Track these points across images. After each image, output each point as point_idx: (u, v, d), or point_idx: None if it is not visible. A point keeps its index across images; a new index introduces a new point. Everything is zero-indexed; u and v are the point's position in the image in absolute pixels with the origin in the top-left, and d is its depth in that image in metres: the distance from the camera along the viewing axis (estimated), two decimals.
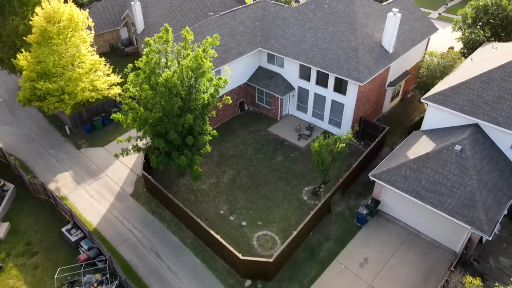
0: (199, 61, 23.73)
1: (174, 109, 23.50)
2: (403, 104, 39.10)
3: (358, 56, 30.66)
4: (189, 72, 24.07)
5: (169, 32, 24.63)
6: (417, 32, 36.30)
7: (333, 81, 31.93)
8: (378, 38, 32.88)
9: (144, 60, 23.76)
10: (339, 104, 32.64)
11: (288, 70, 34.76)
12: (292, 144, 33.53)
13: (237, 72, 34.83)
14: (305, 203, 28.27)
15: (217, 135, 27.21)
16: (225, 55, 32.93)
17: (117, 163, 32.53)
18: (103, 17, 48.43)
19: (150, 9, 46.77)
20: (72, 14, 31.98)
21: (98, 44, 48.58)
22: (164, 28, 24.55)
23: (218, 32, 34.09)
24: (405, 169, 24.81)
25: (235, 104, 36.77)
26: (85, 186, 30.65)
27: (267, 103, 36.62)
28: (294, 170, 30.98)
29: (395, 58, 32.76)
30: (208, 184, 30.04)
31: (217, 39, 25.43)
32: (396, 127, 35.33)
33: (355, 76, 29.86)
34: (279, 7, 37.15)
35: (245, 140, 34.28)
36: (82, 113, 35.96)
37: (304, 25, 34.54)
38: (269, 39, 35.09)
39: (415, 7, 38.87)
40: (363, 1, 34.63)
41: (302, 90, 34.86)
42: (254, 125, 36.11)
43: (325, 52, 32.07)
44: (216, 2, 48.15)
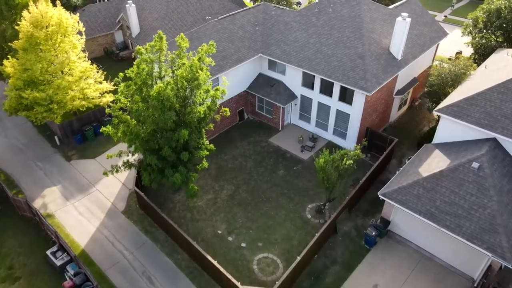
0: (194, 71, 21.83)
1: (167, 124, 21.61)
2: (411, 112, 37.20)
3: (365, 64, 28.75)
4: (184, 82, 22.17)
5: (163, 40, 22.74)
6: (426, 37, 34.40)
7: (338, 90, 30.03)
8: (386, 44, 30.98)
9: (135, 70, 21.85)
10: (345, 114, 30.73)
11: (290, 78, 32.87)
12: (295, 156, 31.62)
13: (236, 80, 32.95)
14: (308, 222, 26.36)
15: (214, 149, 25.30)
16: (223, 62, 31.03)
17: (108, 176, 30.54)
18: (97, 20, 46.55)
19: (145, 12, 44.90)
20: (61, 19, 30.08)
21: (91, 48, 46.70)
22: (158, 36, 22.66)
23: (216, 37, 32.22)
24: (417, 188, 22.90)
25: (234, 113, 34.87)
26: (74, 202, 28.74)
27: (268, 112, 34.72)
28: (296, 185, 29.07)
29: (404, 66, 30.86)
30: (205, 200, 28.13)
31: (213, 47, 23.55)
32: (404, 138, 33.44)
33: (362, 85, 27.96)
34: (280, 11, 35.26)
35: (244, 151, 32.37)
36: (73, 122, 34.06)
37: (307, 30, 32.64)
38: (270, 45, 33.20)
39: (424, 11, 36.97)
40: (369, 5, 32.74)
41: (305, 99, 32.97)
42: (254, 135, 34.20)
43: (330, 59, 30.17)
44: (214, 5, 46.29)
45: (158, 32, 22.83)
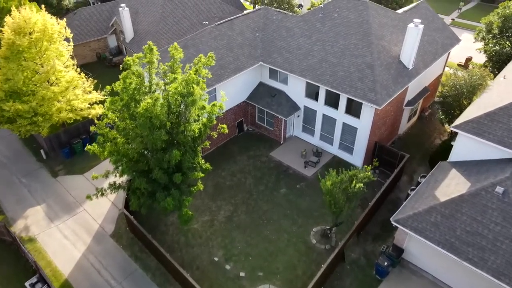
0: (190, 86, 19.59)
1: (157, 144, 19.39)
2: (421, 123, 34.99)
3: (375, 74, 26.54)
4: (178, 98, 19.94)
5: (153, 52, 20.52)
6: (438, 44, 32.20)
7: (345, 102, 27.82)
8: (396, 52, 28.78)
9: (121, 85, 19.63)
10: (352, 128, 28.51)
11: (293, 88, 30.66)
12: (298, 172, 29.40)
13: (235, 90, 30.75)
14: (313, 247, 24.15)
15: (211, 169, 23.08)
16: (221, 71, 28.81)
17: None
18: (89, 24, 44.35)
19: (140, 15, 42.71)
20: (45, 25, 27.85)
21: (83, 54, 44.56)
22: (147, 47, 20.45)
23: (214, 44, 30.01)
24: (435, 214, 20.68)
25: (233, 125, 32.64)
26: (58, 224, 26.51)
27: (269, 123, 32.50)
28: (300, 205, 26.85)
29: (416, 75, 28.65)
30: (201, 222, 25.91)
31: (212, 59, 21.36)
32: (414, 151, 31.23)
33: (372, 98, 25.75)
34: (282, 16, 33.05)
35: (244, 167, 30.14)
36: (60, 135, 31.83)
37: (311, 37, 30.43)
38: (271, 52, 30.98)
39: (435, 15, 34.77)
40: (377, 10, 30.53)
41: (309, 111, 30.75)
42: (254, 148, 31.98)
43: (336, 69, 27.96)
44: (212, 8, 44.06)
45: (148, 43, 20.57)
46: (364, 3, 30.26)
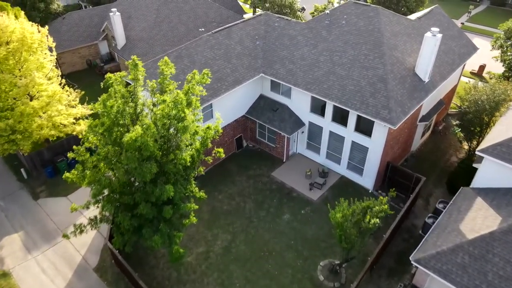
0: (179, 108, 16.94)
1: (146, 177, 16.74)
2: (435, 138, 32.34)
3: (388, 89, 23.91)
4: (166, 121, 17.31)
5: (139, 67, 17.89)
6: (454, 53, 29.57)
7: (355, 119, 25.18)
8: (411, 64, 26.15)
9: (101, 109, 16.97)
10: (362, 147, 25.88)
11: (297, 102, 28.01)
12: (302, 195, 26.74)
13: (233, 104, 28.13)
14: (321, 285, 21.50)
15: (206, 197, 20.47)
16: (218, 84, 26.17)
17: (81, 220, 25.67)
18: (79, 29, 41.70)
19: (133, 20, 40.07)
20: (24, 34, 25.21)
21: (73, 61, 41.92)
22: (131, 62, 17.80)
23: (210, 54, 27.36)
24: (462, 254, 18.03)
25: (231, 141, 29.99)
26: (37, 255, 23.87)
27: (271, 140, 29.85)
28: (305, 234, 24.21)
29: (432, 89, 26.02)
30: (195, 254, 23.26)
31: (207, 76, 18.73)
32: (429, 171, 28.61)
33: (385, 116, 23.11)
34: (284, 22, 30.40)
35: (243, 189, 27.48)
36: (43, 152, 29.18)
37: (317, 46, 27.78)
38: (273, 63, 28.33)
39: (450, 22, 32.14)
40: (389, 17, 27.89)
41: (314, 127, 28.10)
42: (255, 167, 29.32)
43: (345, 82, 25.32)
44: (210, 12, 41.44)
45: (132, 58, 17.92)
46: (374, 9, 27.64)
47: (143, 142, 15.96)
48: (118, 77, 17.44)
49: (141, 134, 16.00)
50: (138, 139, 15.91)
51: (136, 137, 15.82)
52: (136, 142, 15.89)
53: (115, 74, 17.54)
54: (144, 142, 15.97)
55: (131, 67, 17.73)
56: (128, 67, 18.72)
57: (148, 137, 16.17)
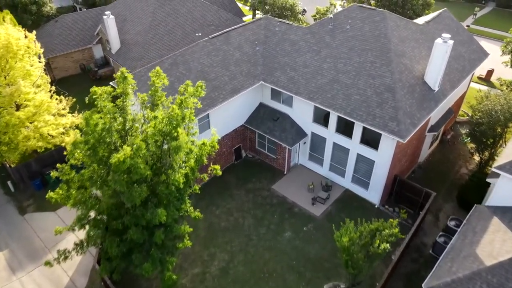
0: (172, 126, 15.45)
1: (136, 202, 15.25)
2: (443, 147, 30.85)
3: (396, 99, 22.43)
4: (158, 137, 15.83)
5: (128, 80, 16.38)
6: (465, 59, 28.10)
7: (361, 131, 23.70)
8: (419, 72, 24.67)
9: (84, 127, 15.46)
10: (368, 160, 24.39)
11: (299, 111, 26.52)
12: (304, 211, 25.26)
13: (231, 113, 26.66)
14: None
15: (201, 217, 19.01)
16: (215, 93, 24.68)
17: (69, 237, 24.25)
18: (72, 33, 40.19)
19: (128, 24, 38.57)
20: (9, 40, 23.73)
21: (66, 66, 40.42)
22: (120, 75, 16.28)
23: (207, 61, 25.88)
24: (480, 283, 16.53)
25: (229, 152, 28.50)
26: (21, 277, 22.37)
27: (271, 150, 28.35)
28: (308, 254, 22.72)
29: (443, 99, 24.54)
30: (190, 276, 21.77)
31: (201, 89, 17.25)
32: (438, 183, 27.16)
33: (393, 128, 21.63)
34: (285, 27, 28.91)
35: (242, 204, 25.99)
36: (31, 164, 27.67)
37: (320, 52, 26.30)
38: (274, 70, 26.85)
39: (459, 26, 30.68)
40: (396, 21, 26.42)
41: (317, 138, 26.62)
42: (254, 180, 27.82)
43: (350, 91, 23.84)
44: (208, 15, 39.95)
45: (120, 70, 16.41)
46: (380, 13, 26.16)
47: (133, 165, 14.47)
48: (103, 93, 15.86)
49: (131, 155, 14.51)
50: (127, 161, 14.43)
51: (125, 158, 14.33)
52: (125, 164, 14.40)
53: (101, 88, 15.98)
54: (134, 164, 14.48)
55: (120, 80, 16.22)
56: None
57: (138, 158, 14.68)
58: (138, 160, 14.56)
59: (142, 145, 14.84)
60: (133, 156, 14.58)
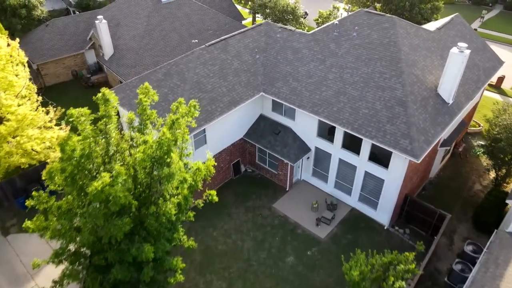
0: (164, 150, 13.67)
1: (118, 236, 13.46)
2: (455, 161, 29.03)
3: (408, 114, 20.64)
4: (148, 163, 14.03)
5: (110, 103, 14.54)
6: (479, 68, 26.31)
7: (369, 148, 21.90)
8: (432, 83, 22.89)
9: (60, 155, 13.64)
10: (377, 178, 22.60)
11: (302, 125, 24.73)
12: (308, 232, 23.46)
13: (230, 127, 24.88)
14: None
15: (195, 246, 17.26)
16: (212, 106, 22.89)
17: None
18: (63, 37, 38.38)
19: (122, 28, 36.78)
20: None
21: (57, 72, 38.62)
22: (101, 96, 14.44)
23: (203, 71, 24.08)
24: None
25: (227, 167, 26.70)
26: None
27: (272, 165, 26.56)
28: (313, 282, 20.91)
29: (457, 112, 22.75)
30: None
31: (194, 109, 15.49)
32: (451, 201, 25.39)
33: (406, 147, 19.83)
34: (287, 33, 27.11)
35: (240, 224, 24.19)
36: (15, 180, 25.85)
37: (325, 61, 24.52)
38: (275, 80, 25.05)
39: (472, 32, 28.90)
40: (407, 28, 24.62)
41: (322, 153, 24.83)
42: (254, 197, 26.02)
43: (357, 105, 22.04)
44: (206, 19, 38.15)
45: (101, 91, 14.58)
46: (390, 20, 24.37)
47: (111, 194, 12.68)
48: (80, 115, 14.00)
49: (110, 183, 12.73)
50: (106, 190, 12.66)
51: (103, 187, 12.55)
52: (103, 193, 12.63)
53: (77, 110, 14.13)
54: (113, 193, 12.69)
55: (101, 102, 14.40)
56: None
57: (118, 186, 12.87)
58: (117, 188, 12.76)
59: (122, 171, 13.03)
60: (114, 182, 12.79)
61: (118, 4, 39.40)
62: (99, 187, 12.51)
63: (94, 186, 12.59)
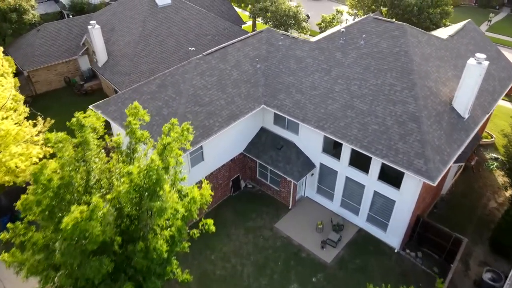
0: (153, 180, 12.09)
1: (96, 277, 11.86)
2: (467, 176, 27.41)
3: (422, 131, 19.03)
4: (133, 196, 12.42)
5: (86, 130, 12.91)
6: (494, 79, 24.71)
7: (379, 166, 20.29)
8: (446, 96, 21.29)
9: (32, 187, 12.07)
10: (387, 199, 20.99)
11: (306, 140, 23.14)
12: (313, 256, 21.85)
13: (229, 142, 23.30)
14: None
15: (191, 279, 15.69)
16: (209, 121, 21.27)
17: None
18: (55, 43, 36.75)
19: (116, 33, 35.19)
20: None
21: (48, 79, 37.01)
22: (75, 121, 12.85)
23: (200, 82, 22.48)
24: None
25: (226, 183, 25.09)
26: None
27: (274, 181, 24.96)
28: None
29: (474, 127, 21.15)
30: None
31: (188, 133, 13.92)
32: (464, 220, 23.84)
33: (420, 167, 18.21)
34: (290, 41, 25.51)
35: (240, 246, 22.57)
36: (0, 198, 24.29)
37: (330, 72, 22.92)
38: (277, 92, 23.45)
39: (486, 40, 27.30)
40: (418, 36, 23.01)
41: (327, 170, 23.22)
42: (255, 216, 24.40)
43: (366, 120, 20.43)
44: (204, 23, 36.56)
45: (75, 116, 13.00)
46: (400, 27, 22.77)
47: (88, 230, 11.08)
48: (57, 141, 12.38)
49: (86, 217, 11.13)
50: (81, 225, 11.07)
51: (75, 223, 10.96)
52: (77, 230, 11.05)
53: (55, 135, 12.53)
54: (89, 229, 11.09)
55: (76, 129, 12.78)
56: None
57: (95, 222, 11.26)
58: (93, 224, 11.15)
59: (100, 204, 11.42)
60: (88, 218, 11.19)
61: (113, 8, 37.81)
62: (70, 223, 10.92)
63: (68, 221, 11.01)
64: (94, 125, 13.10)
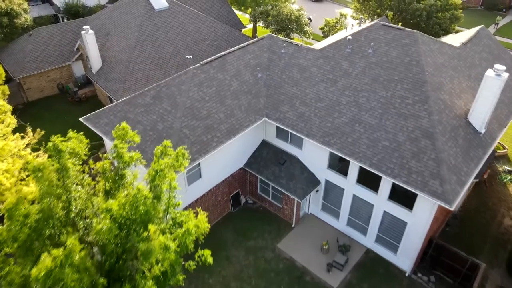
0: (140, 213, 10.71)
1: None
2: (480, 191, 25.98)
3: (437, 148, 17.60)
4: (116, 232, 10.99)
5: (64, 155, 11.49)
6: (511, 89, 23.26)
7: (390, 186, 18.86)
8: (461, 109, 19.86)
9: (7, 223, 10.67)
10: (398, 220, 19.55)
11: (310, 154, 21.70)
12: (318, 280, 20.40)
13: (228, 157, 21.86)
14: None
15: None
16: (207, 136, 19.84)
17: None
18: (48, 48, 35.35)
19: (112, 38, 33.77)
20: None
21: (41, 86, 35.61)
22: (51, 146, 11.44)
23: (198, 94, 21.05)
24: None
25: (226, 199, 23.66)
26: None
27: (276, 198, 23.54)
28: None
29: (491, 143, 19.71)
30: None
31: (183, 158, 12.51)
32: (478, 239, 22.45)
33: (436, 189, 16.77)
34: (293, 48, 24.08)
35: (241, 269, 21.13)
36: None
37: (336, 82, 21.50)
38: (280, 103, 22.02)
39: (500, 47, 25.87)
40: (430, 44, 21.56)
41: (333, 187, 21.79)
42: (256, 235, 22.95)
43: (376, 136, 19.00)
44: (202, 28, 35.17)
45: (51, 140, 11.58)
46: (411, 35, 21.32)
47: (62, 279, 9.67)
48: (36, 169, 10.99)
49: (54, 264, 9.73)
50: (55, 272, 9.66)
51: (47, 271, 9.56)
52: (49, 279, 9.64)
53: (36, 163, 11.15)
54: (63, 278, 9.68)
55: (53, 154, 11.36)
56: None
57: (69, 269, 9.83)
58: (68, 272, 9.74)
59: (75, 247, 9.99)
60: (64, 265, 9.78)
61: (108, 12, 36.40)
62: (42, 272, 9.52)
63: (41, 268, 9.61)
64: (74, 150, 11.66)
